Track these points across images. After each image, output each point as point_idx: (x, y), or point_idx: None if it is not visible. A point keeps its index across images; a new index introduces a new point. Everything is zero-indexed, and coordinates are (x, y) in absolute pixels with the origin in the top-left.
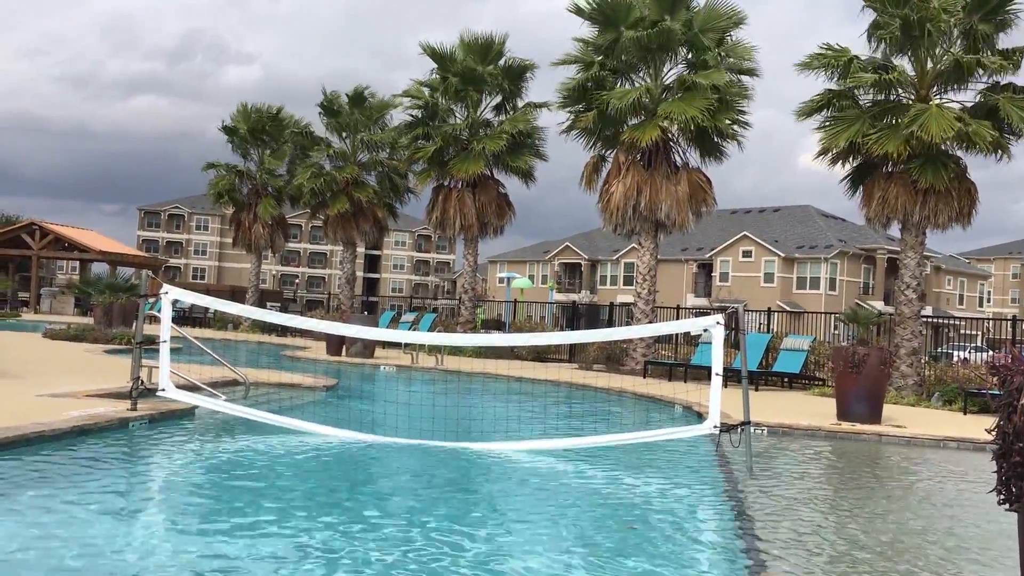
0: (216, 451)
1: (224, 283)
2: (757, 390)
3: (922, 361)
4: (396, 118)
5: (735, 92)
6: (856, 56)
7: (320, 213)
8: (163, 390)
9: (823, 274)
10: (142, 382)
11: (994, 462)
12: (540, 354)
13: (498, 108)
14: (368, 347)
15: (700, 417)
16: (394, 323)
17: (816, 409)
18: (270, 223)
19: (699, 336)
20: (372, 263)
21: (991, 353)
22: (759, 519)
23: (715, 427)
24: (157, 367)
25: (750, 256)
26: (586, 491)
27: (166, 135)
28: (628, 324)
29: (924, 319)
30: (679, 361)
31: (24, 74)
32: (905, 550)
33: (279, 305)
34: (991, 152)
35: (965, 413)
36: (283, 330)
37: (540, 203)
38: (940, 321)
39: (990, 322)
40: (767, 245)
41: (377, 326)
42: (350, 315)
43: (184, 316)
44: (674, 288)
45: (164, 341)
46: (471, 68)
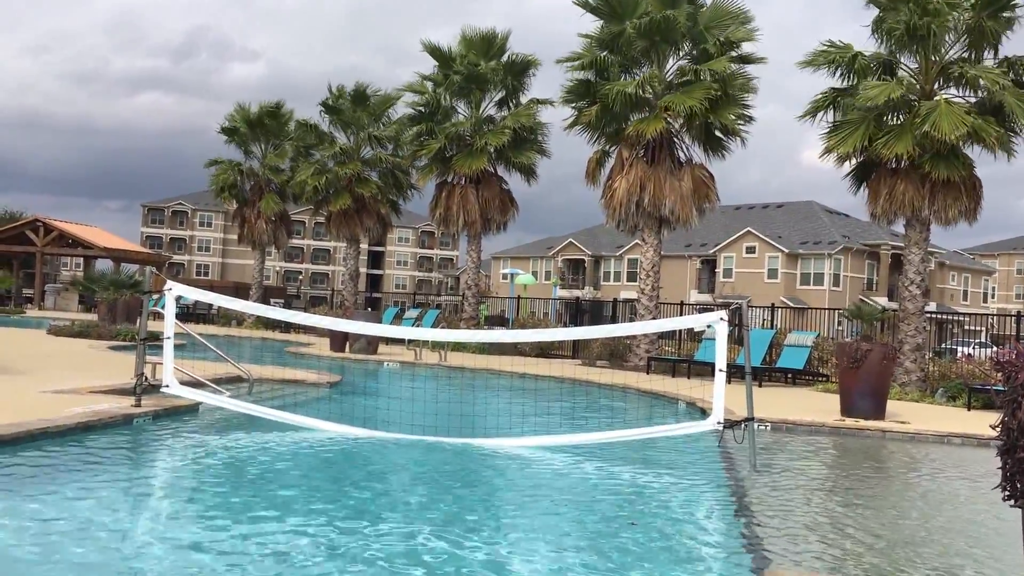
0: (220, 447)
1: (228, 279)
2: (760, 386)
3: (926, 357)
4: (399, 111)
5: (739, 85)
6: (860, 52)
7: (323, 209)
8: (167, 386)
9: (827, 270)
10: (146, 378)
11: (999, 458)
12: (543, 350)
13: (501, 104)
14: (372, 343)
15: (704, 413)
16: (397, 319)
17: (820, 405)
18: (273, 219)
19: (702, 332)
20: (375, 259)
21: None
22: (762, 515)
23: (718, 423)
24: (161, 363)
25: (754, 252)
26: (589, 487)
27: (171, 132)
28: (631, 320)
29: (928, 315)
30: (682, 357)
31: (30, 71)
32: (908, 546)
33: (283, 301)
34: (996, 149)
35: (969, 409)
36: (287, 326)
37: (544, 199)
38: (944, 317)
39: (994, 318)
40: (771, 241)
41: (380, 322)
42: (354, 311)
43: (188, 312)
44: (677, 284)
45: (168, 337)
46: (473, 64)
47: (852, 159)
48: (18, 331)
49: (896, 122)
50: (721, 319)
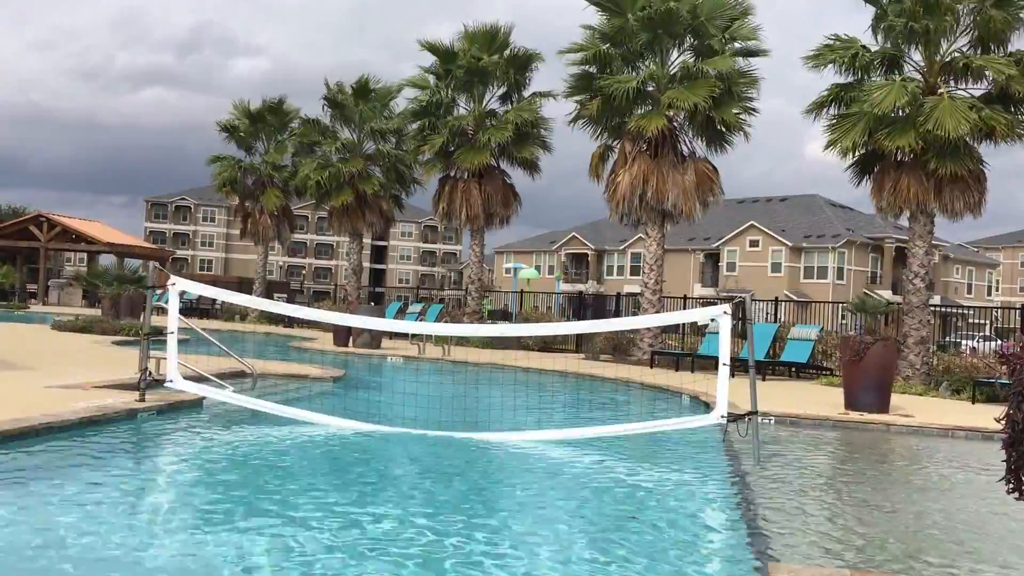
0: (224, 442)
1: (231, 274)
2: (764, 380)
3: (930, 350)
4: (402, 105)
5: (743, 81)
6: (865, 47)
7: (326, 204)
8: (171, 381)
9: (831, 263)
10: (150, 373)
11: (1003, 451)
12: (547, 344)
13: (504, 98)
14: (375, 338)
15: (707, 407)
16: (401, 314)
17: (824, 399)
18: (276, 214)
19: (706, 326)
20: (378, 254)
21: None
22: (766, 509)
23: (722, 417)
24: (165, 358)
25: (757, 246)
26: (592, 481)
27: (175, 127)
28: (635, 314)
29: (932, 308)
30: (686, 351)
31: (34, 67)
32: (913, 539)
33: (286, 296)
34: (1006, 138)
35: (973, 402)
36: (290, 321)
37: (547, 194)
38: (948, 310)
39: (998, 311)
40: (774, 235)
41: (384, 317)
42: (357, 306)
43: (191, 307)
44: (681, 278)
45: (172, 332)
46: (475, 59)
47: (855, 152)
48: (22, 326)
49: (901, 114)
50: (725, 313)
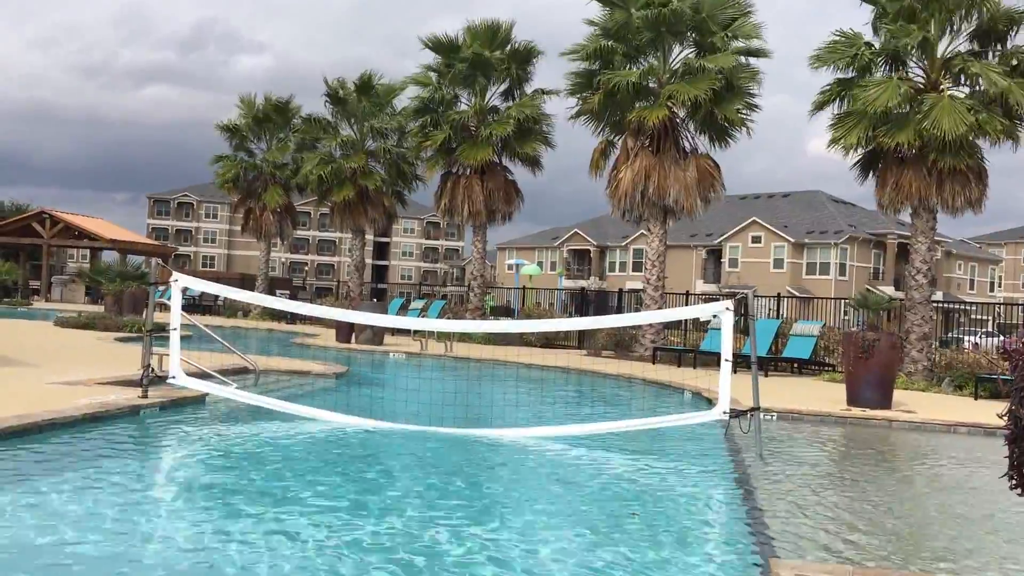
0: (227, 438)
1: (234, 271)
2: (767, 376)
3: (932, 346)
4: (404, 102)
5: (745, 77)
6: (868, 43)
7: (328, 200)
8: (173, 377)
9: (833, 259)
10: (153, 370)
11: (1006, 447)
12: (549, 340)
13: (505, 95)
14: (377, 334)
15: (709, 403)
16: (403, 310)
17: (826, 395)
18: (278, 211)
19: (708, 322)
20: (381, 250)
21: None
22: (769, 504)
23: (724, 413)
24: (167, 355)
25: (759, 242)
26: (594, 477)
27: (177, 124)
28: (637, 310)
29: (934, 304)
30: (688, 347)
31: (37, 64)
32: (915, 534)
33: (288, 292)
34: (1001, 141)
35: (976, 398)
36: (293, 317)
37: (549, 190)
38: (951, 306)
39: (1001, 307)
40: (776, 231)
41: (386, 313)
42: (359, 302)
43: (194, 304)
44: (683, 274)
45: (174, 329)
46: (478, 53)
47: (858, 149)
48: (25, 323)
49: (900, 111)
50: (727, 309)
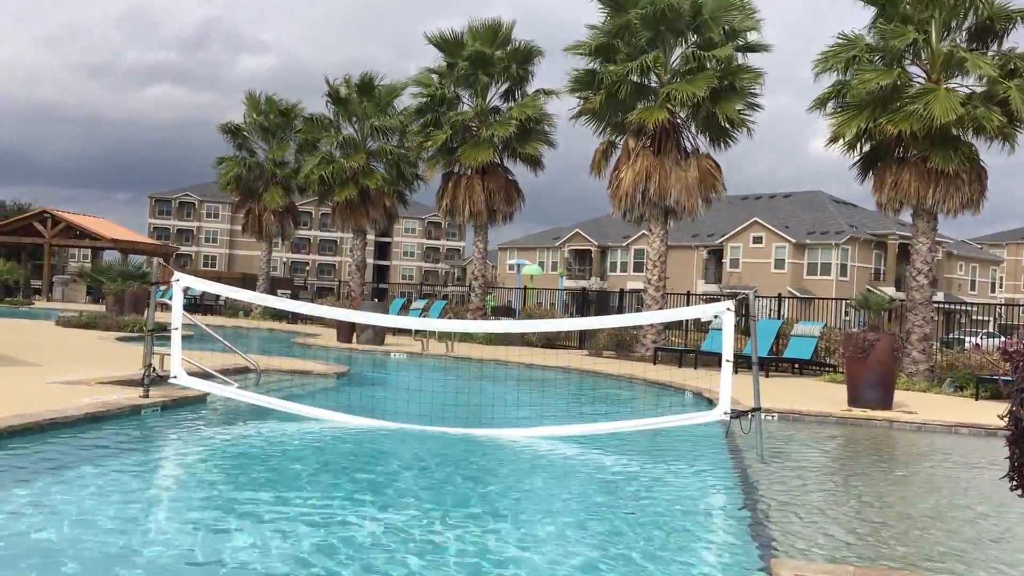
0: (228, 438)
1: (235, 271)
2: (768, 376)
3: (933, 347)
4: (406, 102)
5: (747, 77)
6: (869, 45)
7: (329, 200)
8: (175, 377)
9: (834, 260)
10: (154, 369)
11: (1007, 448)
12: (550, 340)
13: (506, 95)
14: (379, 334)
15: (710, 403)
16: (404, 310)
17: (827, 395)
18: (279, 211)
19: (709, 322)
20: (382, 250)
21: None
22: (769, 504)
23: (725, 413)
24: (169, 354)
25: (760, 242)
26: (594, 477)
27: (181, 124)
28: (638, 310)
29: (936, 305)
30: (689, 347)
31: (42, 63)
32: (915, 535)
33: (290, 292)
34: (997, 138)
35: (977, 399)
36: (294, 317)
37: (550, 190)
38: (952, 307)
39: (1002, 308)
40: (778, 231)
41: (388, 313)
42: (360, 302)
43: (195, 304)
44: (684, 274)
45: (175, 328)
46: (480, 51)
47: (858, 146)
48: (26, 322)
49: (901, 95)
50: (728, 309)
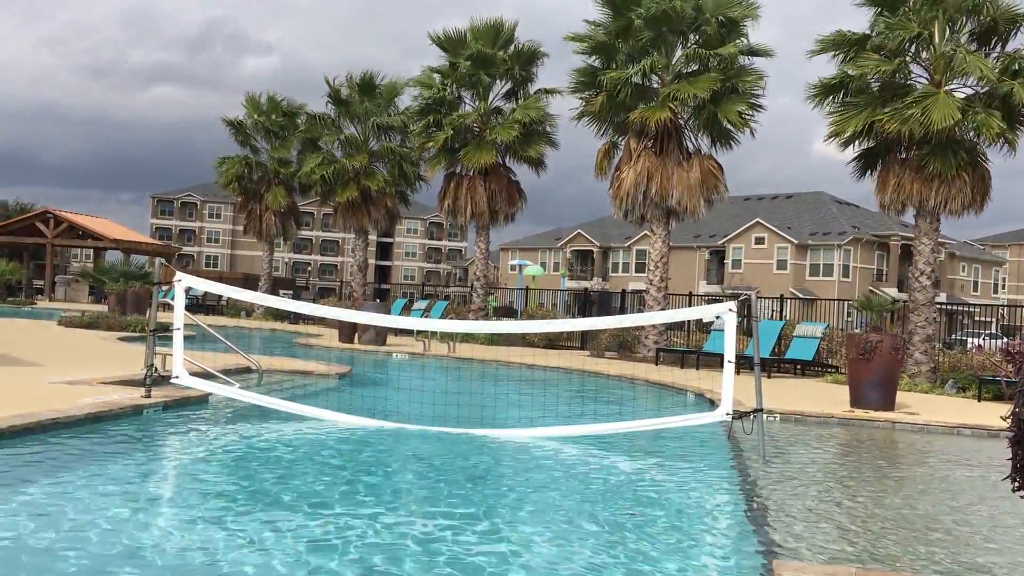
0: (229, 438)
1: (237, 271)
2: (770, 377)
3: (936, 348)
4: (408, 101)
5: (749, 80)
6: (868, 36)
7: (331, 201)
8: (177, 377)
9: (836, 261)
10: (156, 369)
11: (1009, 449)
12: (552, 341)
13: (509, 95)
14: (380, 334)
15: (712, 404)
16: (406, 310)
17: (829, 396)
18: (281, 211)
19: (711, 323)
20: (384, 250)
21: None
22: (771, 505)
23: (727, 414)
24: (171, 354)
25: (763, 243)
26: (596, 477)
27: (184, 124)
28: (640, 311)
29: (938, 306)
30: (691, 348)
31: (45, 64)
32: (918, 536)
33: (291, 293)
34: (996, 142)
35: (979, 400)
36: (296, 317)
37: (553, 191)
38: (954, 308)
39: (1005, 309)
40: (780, 232)
41: (389, 313)
42: (362, 302)
43: (197, 304)
44: (686, 275)
45: (177, 328)
46: (482, 51)
47: (857, 143)
48: (29, 322)
49: (901, 104)
50: (730, 310)
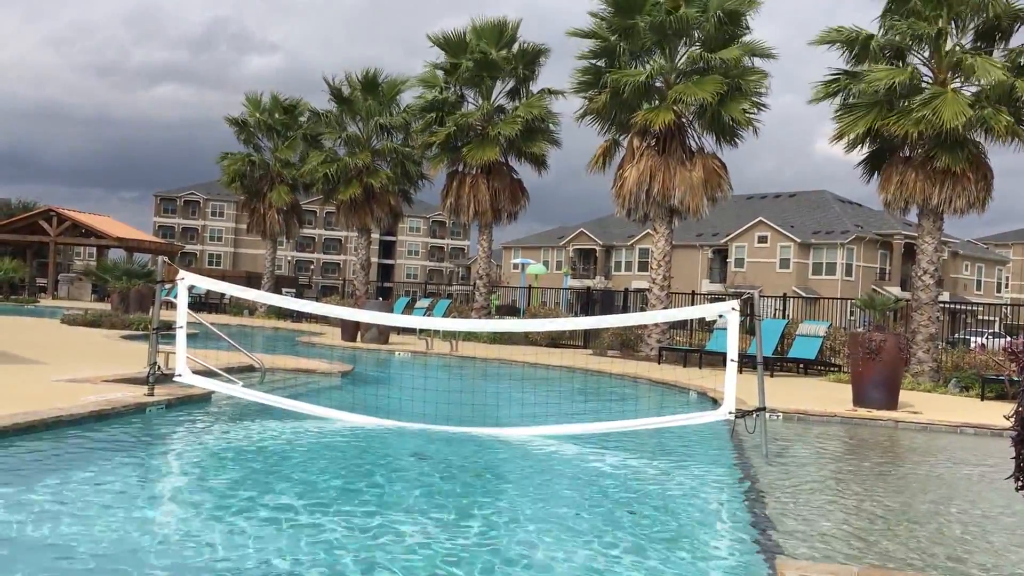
0: (232, 436)
1: (240, 269)
2: (772, 376)
3: (939, 347)
4: (410, 99)
5: (753, 79)
6: (872, 35)
7: (334, 199)
8: (179, 375)
9: (839, 260)
10: (159, 367)
11: (1012, 448)
12: (554, 340)
13: (512, 94)
14: (383, 333)
15: (715, 403)
16: (409, 309)
17: (832, 395)
18: (284, 209)
19: (714, 322)
20: (387, 249)
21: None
22: (774, 504)
23: (730, 413)
24: (174, 353)
25: (766, 241)
26: (598, 476)
27: (188, 123)
28: (643, 310)
29: (941, 305)
30: (694, 347)
31: (50, 62)
32: (921, 536)
33: (294, 291)
34: (1006, 138)
35: (982, 399)
36: (298, 316)
37: (555, 190)
38: (957, 307)
39: (1008, 308)
40: (783, 230)
41: (392, 312)
42: (365, 301)
43: (200, 302)
44: (689, 274)
45: (180, 327)
46: (484, 52)
47: (863, 145)
48: (32, 320)
49: (906, 105)
50: (732, 309)
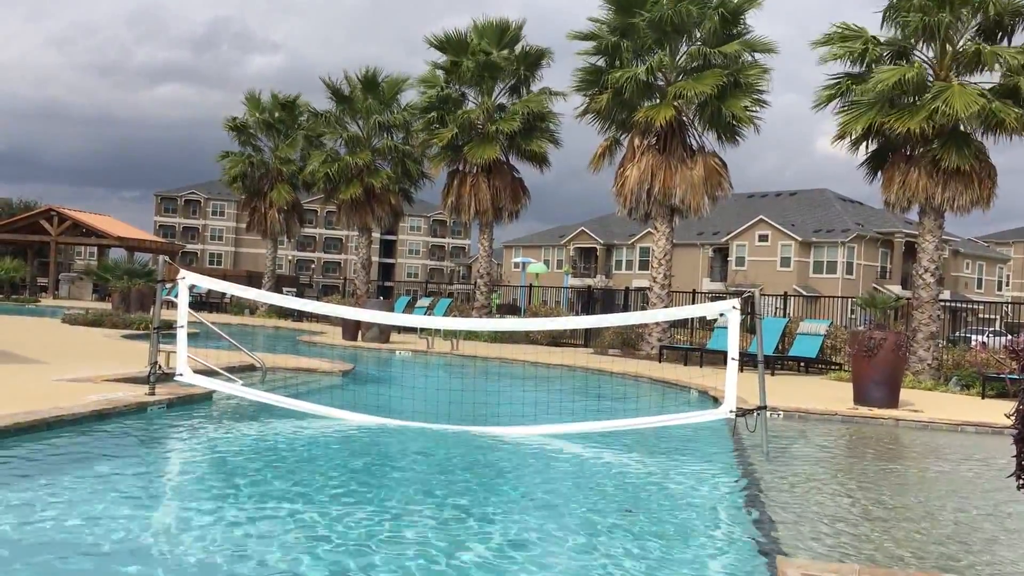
0: (233, 435)
1: (240, 268)
2: (773, 375)
3: (940, 345)
4: (411, 98)
5: (753, 73)
6: (874, 37)
7: (334, 198)
8: (180, 375)
9: (840, 258)
10: (160, 367)
11: (1013, 446)
12: (555, 339)
13: (513, 92)
14: (384, 332)
15: (716, 401)
16: (409, 308)
17: (833, 394)
18: (285, 208)
19: (715, 321)
20: (387, 248)
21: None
22: (774, 502)
23: (731, 411)
24: (174, 352)
25: (766, 240)
26: (598, 475)
27: (190, 122)
28: (643, 309)
29: (942, 303)
30: (695, 346)
31: (52, 62)
32: (922, 534)
33: (295, 290)
34: (1016, 131)
35: (983, 398)
36: (299, 315)
37: (556, 189)
38: (958, 305)
39: (1009, 306)
40: (784, 229)
41: (393, 311)
42: (365, 300)
43: (201, 301)
44: (690, 272)
45: (181, 326)
46: (486, 52)
47: (865, 144)
48: (33, 320)
49: (910, 99)
50: (733, 307)
